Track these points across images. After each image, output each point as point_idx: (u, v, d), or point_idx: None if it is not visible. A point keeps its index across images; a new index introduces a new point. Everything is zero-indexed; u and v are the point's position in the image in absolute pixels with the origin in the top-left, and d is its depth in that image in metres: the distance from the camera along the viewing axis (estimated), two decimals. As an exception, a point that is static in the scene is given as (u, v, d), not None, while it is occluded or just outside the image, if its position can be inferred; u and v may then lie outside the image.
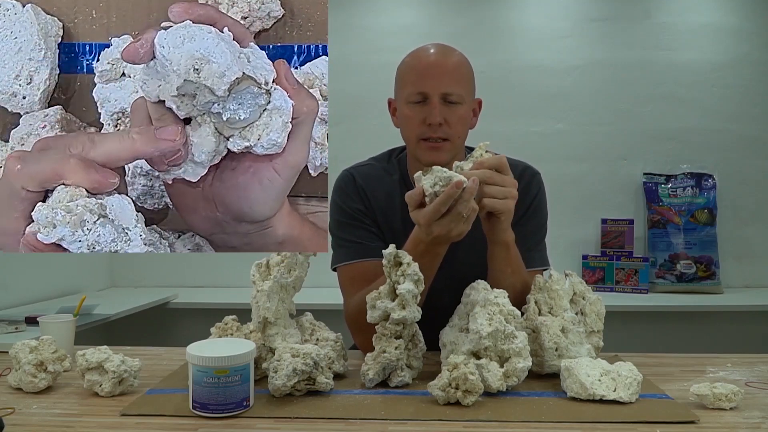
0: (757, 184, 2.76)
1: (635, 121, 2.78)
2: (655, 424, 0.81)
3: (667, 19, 2.78)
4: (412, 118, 1.18)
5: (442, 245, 1.04)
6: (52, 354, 0.98)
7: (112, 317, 2.07)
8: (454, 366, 0.89)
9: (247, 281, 1.03)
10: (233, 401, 0.85)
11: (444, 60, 1.17)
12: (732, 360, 1.13)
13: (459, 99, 1.16)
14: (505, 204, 1.02)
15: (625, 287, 2.67)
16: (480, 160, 1.04)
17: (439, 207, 0.96)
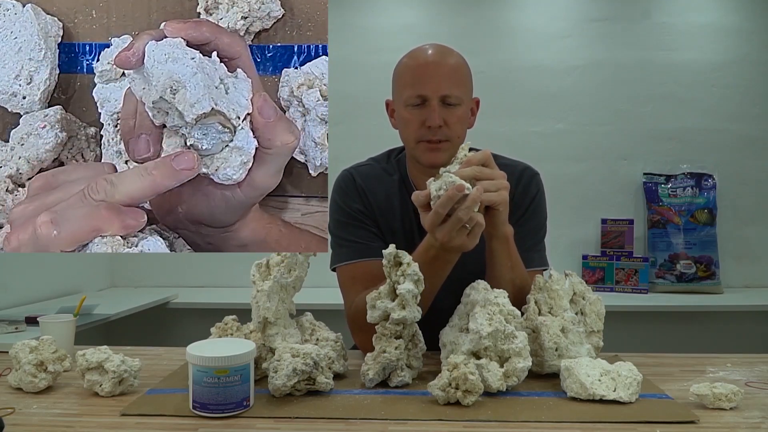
0: (757, 184, 2.76)
1: (635, 121, 2.78)
2: (655, 424, 0.81)
3: (667, 19, 2.78)
4: (411, 121, 1.18)
5: (452, 254, 1.04)
6: (52, 354, 0.98)
7: (112, 317, 2.07)
8: (454, 366, 0.89)
9: (247, 281, 1.03)
10: (233, 401, 0.85)
11: (442, 62, 1.17)
12: (732, 360, 1.13)
13: (458, 100, 1.16)
14: (500, 195, 1.03)
15: (625, 287, 2.67)
16: (467, 159, 1.04)
17: (438, 209, 0.96)
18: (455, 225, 0.97)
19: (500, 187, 1.03)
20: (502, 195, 1.03)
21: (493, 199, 1.02)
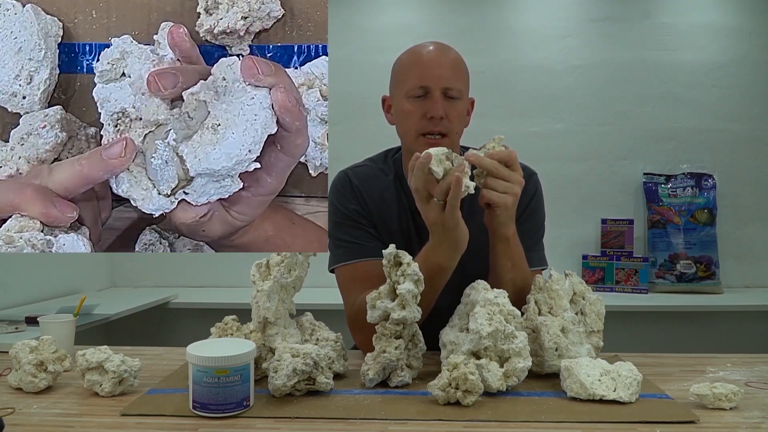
0: (757, 184, 2.76)
1: (635, 121, 2.78)
2: (655, 424, 0.81)
3: (667, 19, 2.78)
4: (412, 113, 1.18)
5: (453, 258, 1.05)
6: (52, 354, 0.98)
7: (112, 317, 2.07)
8: (454, 366, 0.89)
9: (247, 281, 1.03)
10: (233, 401, 0.85)
11: (444, 55, 1.20)
12: (732, 360, 1.13)
13: (458, 94, 1.18)
14: (502, 198, 1.03)
15: (625, 287, 2.67)
16: (491, 152, 1.06)
17: (453, 203, 0.99)
18: (453, 205, 0.99)
19: (508, 190, 1.04)
20: (503, 198, 1.03)
21: (494, 199, 1.03)
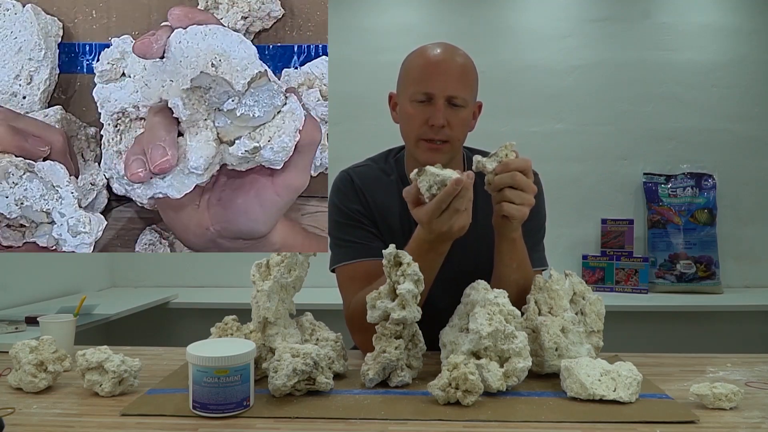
0: (757, 184, 2.76)
1: (635, 121, 2.78)
2: (655, 424, 0.81)
3: (667, 19, 2.78)
4: (414, 117, 1.18)
5: (445, 243, 1.05)
6: (52, 354, 0.98)
7: (112, 317, 2.07)
8: (454, 366, 0.89)
9: (247, 281, 1.03)
10: (233, 401, 0.85)
11: (452, 62, 1.17)
12: (732, 360, 1.13)
13: (463, 102, 1.16)
14: (520, 210, 1.03)
15: (625, 287, 2.67)
16: (506, 161, 1.04)
17: (440, 205, 0.97)
18: (452, 214, 0.98)
19: (525, 201, 1.03)
20: (522, 211, 1.03)
21: (513, 213, 1.03)
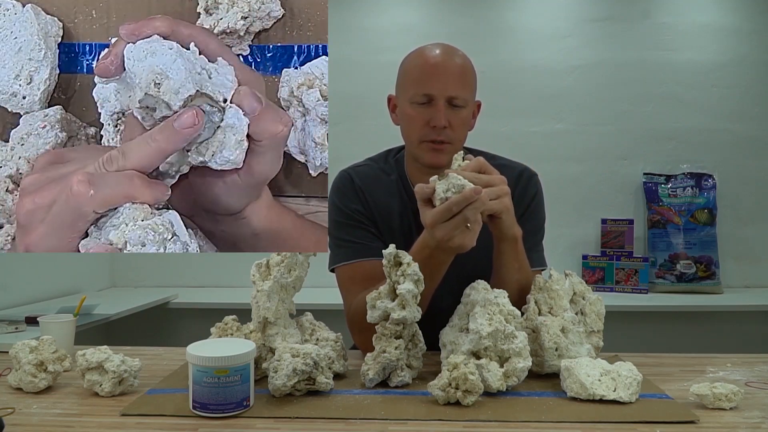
0: (757, 184, 2.76)
1: (635, 121, 2.78)
2: (655, 424, 0.81)
3: (667, 19, 2.78)
4: (415, 119, 1.18)
5: (444, 254, 1.03)
6: (52, 354, 0.98)
7: (112, 317, 2.07)
8: (454, 366, 0.89)
9: (247, 281, 1.03)
10: (233, 401, 0.85)
11: (451, 63, 1.17)
12: (732, 360, 1.13)
13: (463, 103, 1.16)
14: (501, 203, 1.01)
15: (625, 287, 2.67)
16: (461, 168, 1.02)
17: (450, 207, 0.95)
18: (459, 224, 0.96)
19: (501, 194, 1.01)
20: (503, 203, 1.02)
21: (494, 207, 1.01)
